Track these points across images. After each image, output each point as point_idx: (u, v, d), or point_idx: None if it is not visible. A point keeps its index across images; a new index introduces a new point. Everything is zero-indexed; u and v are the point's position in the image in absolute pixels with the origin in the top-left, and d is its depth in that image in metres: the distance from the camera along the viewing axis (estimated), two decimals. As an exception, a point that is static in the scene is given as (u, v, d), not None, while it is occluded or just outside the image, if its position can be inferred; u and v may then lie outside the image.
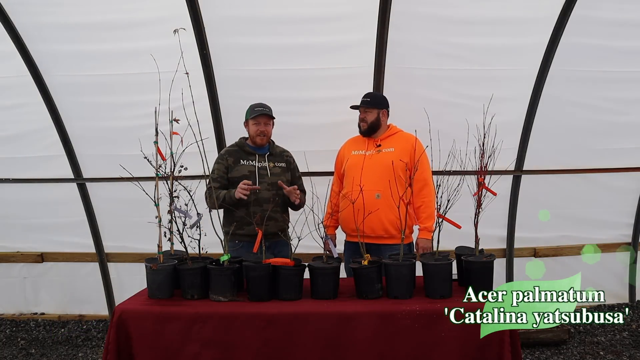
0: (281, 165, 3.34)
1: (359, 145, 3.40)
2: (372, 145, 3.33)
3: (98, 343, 4.39)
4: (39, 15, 3.68)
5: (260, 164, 3.27)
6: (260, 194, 3.19)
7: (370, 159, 3.25)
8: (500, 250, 4.50)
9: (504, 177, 4.18)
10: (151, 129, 2.73)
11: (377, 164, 3.20)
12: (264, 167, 3.27)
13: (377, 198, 3.15)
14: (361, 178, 3.16)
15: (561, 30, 3.69)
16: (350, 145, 3.45)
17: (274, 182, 3.23)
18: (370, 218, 2.99)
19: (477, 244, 2.77)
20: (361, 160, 3.27)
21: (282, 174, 3.30)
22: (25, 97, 4.04)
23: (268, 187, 3.22)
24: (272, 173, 3.27)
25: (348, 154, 3.40)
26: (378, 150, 3.29)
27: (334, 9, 3.65)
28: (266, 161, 3.29)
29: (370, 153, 3.29)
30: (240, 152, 3.31)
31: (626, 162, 4.36)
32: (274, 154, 3.35)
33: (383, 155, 3.25)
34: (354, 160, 3.32)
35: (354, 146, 3.41)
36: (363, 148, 3.35)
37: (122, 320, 2.50)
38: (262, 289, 2.64)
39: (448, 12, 3.65)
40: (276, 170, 3.29)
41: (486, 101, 2.94)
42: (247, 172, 3.23)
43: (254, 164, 3.26)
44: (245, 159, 3.28)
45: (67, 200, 4.42)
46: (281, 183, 3.20)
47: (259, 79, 3.90)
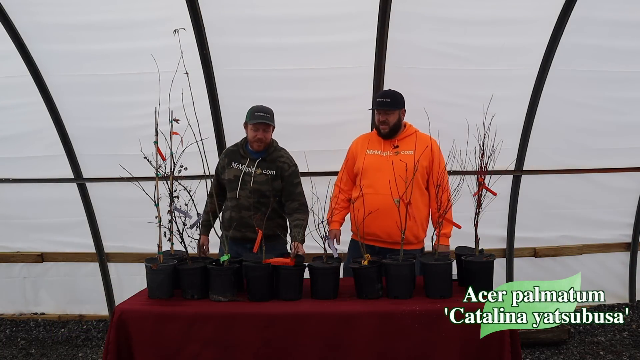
0: (269, 173, 3.14)
1: (374, 144, 3.24)
2: (389, 146, 3.19)
3: (98, 343, 4.39)
4: (38, 15, 3.68)
5: (248, 169, 3.15)
6: (240, 199, 3.11)
7: (389, 161, 3.09)
8: (500, 250, 4.50)
9: (504, 177, 4.18)
10: (151, 129, 2.73)
11: (397, 168, 2.98)
12: (250, 173, 3.14)
13: (395, 203, 3.00)
14: (379, 181, 3.02)
15: (561, 30, 3.69)
16: (364, 143, 3.28)
17: (255, 190, 3.09)
18: (388, 223, 2.96)
19: (477, 244, 2.77)
20: (379, 161, 3.13)
21: (267, 183, 3.12)
22: (25, 97, 4.04)
23: (249, 194, 3.08)
24: (255, 181, 3.11)
25: (362, 152, 3.23)
26: (396, 152, 3.14)
27: (334, 9, 3.64)
28: (254, 167, 3.15)
29: (387, 154, 3.15)
30: (236, 153, 3.23)
31: (626, 162, 4.36)
32: (267, 160, 3.17)
33: (402, 157, 3.07)
34: (371, 161, 3.16)
35: (369, 145, 3.25)
36: (379, 148, 3.21)
37: (122, 320, 2.50)
38: (262, 289, 2.64)
39: (448, 12, 3.65)
40: (261, 177, 3.12)
41: (486, 101, 2.94)
42: (232, 176, 3.17)
43: (241, 168, 3.17)
44: (237, 162, 3.19)
45: (67, 200, 4.41)
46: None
47: (259, 79, 3.90)
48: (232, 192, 3.16)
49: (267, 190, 3.11)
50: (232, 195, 3.16)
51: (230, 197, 3.18)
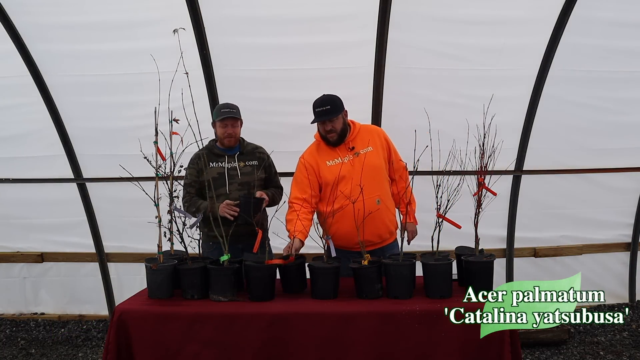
0: (252, 164, 3.26)
1: (330, 154, 3.09)
2: (345, 151, 3.07)
3: (98, 343, 4.39)
4: (38, 15, 3.68)
5: (230, 165, 3.22)
6: (231, 194, 3.15)
7: (353, 166, 3.01)
8: (500, 250, 4.50)
9: (504, 177, 4.17)
10: (151, 129, 2.73)
11: (366, 169, 2.96)
12: (234, 167, 3.22)
13: (377, 204, 3.00)
14: (354, 189, 2.88)
15: (561, 30, 3.69)
16: (316, 157, 3.11)
17: (244, 182, 3.19)
18: (375, 224, 2.96)
19: (477, 244, 2.77)
20: (344, 169, 2.99)
21: (254, 173, 3.23)
22: (25, 97, 4.04)
23: (239, 187, 3.17)
24: (242, 173, 3.21)
25: (323, 166, 3.06)
26: (355, 154, 3.04)
27: (334, 9, 3.64)
28: (236, 161, 3.24)
29: (348, 159, 3.04)
30: (209, 154, 3.23)
31: (626, 162, 4.36)
32: (244, 153, 3.28)
33: (364, 157, 3.00)
34: (335, 171, 3.01)
35: (325, 156, 3.09)
36: (336, 156, 3.07)
37: (122, 320, 2.50)
38: (262, 289, 2.64)
39: (448, 12, 3.65)
40: (247, 169, 3.23)
41: (486, 101, 2.94)
42: (216, 174, 3.19)
43: (223, 165, 3.22)
44: (215, 161, 3.22)
45: (67, 200, 4.42)
46: (262, 193, 3.13)
47: (259, 79, 3.90)
48: (219, 189, 3.16)
49: (253, 181, 3.22)
50: (221, 192, 3.15)
51: (218, 195, 3.11)
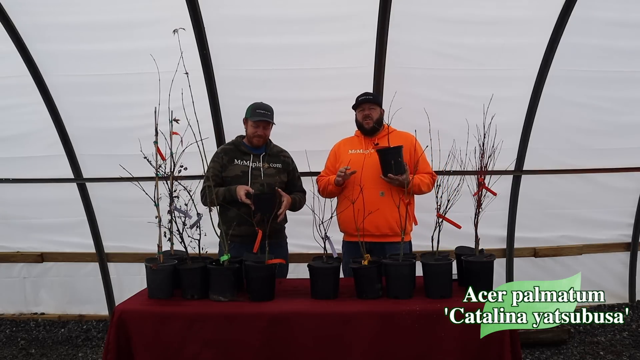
0: (276, 166, 3.28)
1: (355, 144, 3.38)
2: (369, 144, 3.32)
3: (98, 343, 4.39)
4: (38, 15, 3.68)
5: (255, 164, 3.23)
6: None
7: (371, 158, 3.20)
8: (500, 250, 4.50)
9: (504, 177, 4.18)
10: (151, 129, 2.73)
11: (377, 163, 3.15)
12: (258, 167, 3.22)
13: (381, 196, 3.15)
14: (361, 178, 3.12)
15: (561, 30, 3.69)
16: (346, 145, 3.42)
17: (267, 184, 3.19)
18: (375, 215, 3.00)
19: (477, 244, 2.77)
20: (361, 159, 3.22)
21: (277, 175, 3.25)
22: (25, 97, 4.04)
23: (260, 188, 3.17)
24: (265, 174, 3.21)
25: (344, 152, 3.36)
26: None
27: (334, 9, 3.64)
28: (261, 162, 3.24)
29: (369, 152, 3.26)
30: (235, 151, 3.27)
31: (626, 162, 4.36)
32: (270, 154, 3.30)
33: None
34: (353, 159, 3.26)
35: (350, 146, 3.39)
36: (360, 147, 3.34)
37: (122, 320, 2.49)
38: (262, 289, 2.64)
39: (448, 12, 3.66)
40: (270, 171, 3.24)
41: (486, 101, 2.94)
42: (239, 172, 3.20)
43: (247, 164, 3.23)
44: (240, 159, 3.25)
45: (67, 200, 4.42)
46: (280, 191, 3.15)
47: (259, 79, 3.90)
48: None
49: (275, 183, 3.21)
50: None
51: None
